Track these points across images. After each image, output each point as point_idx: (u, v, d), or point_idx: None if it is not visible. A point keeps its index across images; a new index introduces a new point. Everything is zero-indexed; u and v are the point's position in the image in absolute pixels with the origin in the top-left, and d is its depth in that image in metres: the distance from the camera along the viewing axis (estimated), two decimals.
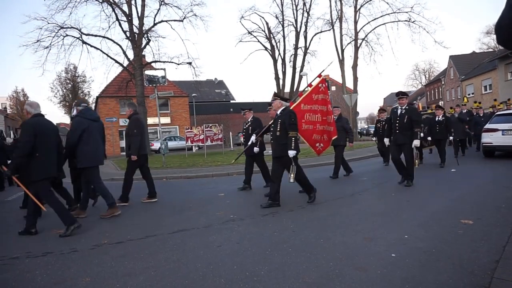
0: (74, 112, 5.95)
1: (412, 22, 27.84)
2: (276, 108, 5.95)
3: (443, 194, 5.99)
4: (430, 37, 37.44)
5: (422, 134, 9.14)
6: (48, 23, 20.55)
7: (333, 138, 7.20)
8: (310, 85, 7.35)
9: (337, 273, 2.93)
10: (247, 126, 8.13)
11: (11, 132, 26.95)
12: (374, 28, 29.59)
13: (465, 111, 13.35)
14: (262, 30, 31.11)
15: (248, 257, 3.47)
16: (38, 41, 20.50)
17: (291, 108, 6.71)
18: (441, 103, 24.73)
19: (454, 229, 3.94)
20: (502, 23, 1.06)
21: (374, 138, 13.36)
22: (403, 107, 6.98)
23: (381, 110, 11.08)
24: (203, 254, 3.63)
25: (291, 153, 5.47)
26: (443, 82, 45.28)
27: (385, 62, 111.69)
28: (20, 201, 7.18)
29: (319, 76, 7.38)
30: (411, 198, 5.78)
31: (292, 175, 5.55)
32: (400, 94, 6.98)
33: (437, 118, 9.94)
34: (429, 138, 9.92)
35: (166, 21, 23.12)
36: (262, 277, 2.95)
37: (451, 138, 9.65)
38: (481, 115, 13.25)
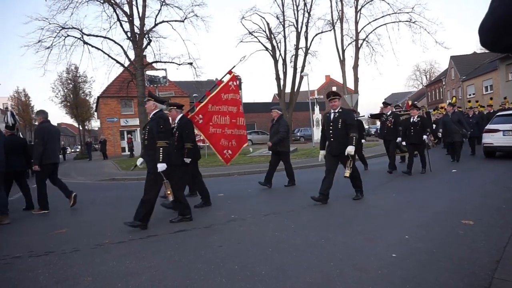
0: None
1: (413, 22, 27.82)
2: (149, 110, 5.11)
3: (443, 194, 6.00)
4: (431, 38, 37.67)
5: (399, 139, 8.97)
6: (50, 24, 20.55)
7: (244, 145, 6.50)
8: (219, 82, 6.52)
9: (338, 273, 2.95)
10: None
11: (20, 134, 26.98)
12: (375, 29, 29.58)
13: (457, 111, 13.05)
14: (263, 31, 31.10)
15: (249, 257, 3.48)
16: (39, 41, 20.50)
17: (197, 109, 6.26)
18: (448, 101, 24.37)
19: (454, 230, 3.94)
20: (484, 26, 1.07)
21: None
22: (336, 110, 5.87)
23: (385, 103, 10.35)
24: (204, 254, 3.64)
25: (160, 166, 4.66)
26: (444, 83, 45.25)
27: (386, 62, 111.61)
28: (22, 201, 7.19)
29: (230, 72, 6.57)
30: (412, 199, 5.79)
31: (169, 193, 4.78)
32: (331, 95, 5.92)
33: (412, 119, 8.78)
34: (404, 143, 8.98)
35: (167, 21, 23.10)
36: (263, 277, 2.97)
37: (424, 137, 8.55)
38: (470, 115, 12.81)
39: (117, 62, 22.67)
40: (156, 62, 22.90)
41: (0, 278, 3.33)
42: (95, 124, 51.60)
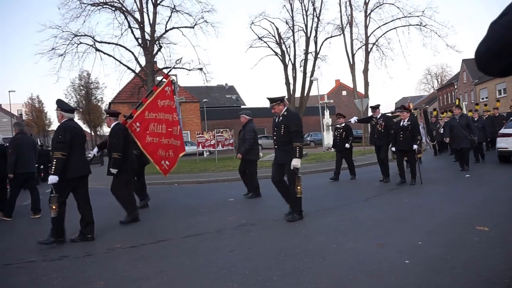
0: None
1: (424, 26, 27.60)
2: (58, 120, 4.84)
3: (457, 200, 5.90)
4: (442, 41, 37.14)
5: (391, 147, 8.26)
6: (63, 32, 20.97)
7: (180, 155, 6.03)
8: (155, 87, 6.13)
9: (350, 279, 2.92)
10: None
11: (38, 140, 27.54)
12: (385, 33, 29.45)
13: (464, 114, 12.54)
14: (272, 36, 31.21)
15: (260, 262, 3.47)
16: (53, 49, 20.93)
17: (134, 116, 5.93)
18: (465, 103, 23.70)
19: (469, 236, 3.87)
20: (480, 51, 1.07)
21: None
22: (281, 114, 5.21)
23: (373, 107, 9.04)
24: (215, 259, 3.65)
25: (51, 179, 4.40)
26: (456, 86, 44.69)
27: (397, 66, 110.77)
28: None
29: (166, 77, 6.16)
30: (424, 204, 5.71)
31: (54, 208, 4.46)
32: (271, 101, 5.28)
33: (401, 123, 7.91)
34: (393, 149, 8.23)
35: (177, 28, 23.38)
36: (274, 282, 2.96)
37: (414, 147, 7.58)
38: (476, 119, 12.26)
39: (128, 68, 22.98)
40: (167, 68, 23.12)
41: (16, 282, 3.39)
42: (107, 129, 52.24)
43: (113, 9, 21.81)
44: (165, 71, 22.79)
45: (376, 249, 3.62)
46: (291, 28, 30.43)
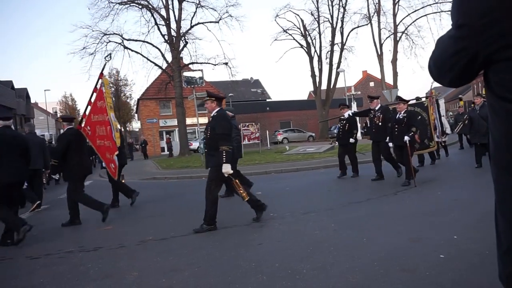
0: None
1: None
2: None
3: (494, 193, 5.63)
4: None
5: (390, 144, 7.24)
6: (93, 31, 21.66)
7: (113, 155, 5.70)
8: (95, 89, 5.88)
9: (382, 274, 2.85)
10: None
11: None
12: (415, 20, 28.46)
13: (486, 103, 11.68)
14: (298, 28, 30.85)
15: (290, 255, 3.46)
16: (84, 48, 21.68)
17: (84, 120, 5.85)
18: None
19: None
20: (429, 64, 1.16)
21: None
22: (211, 115, 4.75)
23: (371, 97, 8.24)
24: (244, 252, 3.67)
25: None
26: None
27: (427, 55, 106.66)
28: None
29: (101, 76, 5.87)
30: (459, 197, 5.49)
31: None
32: (206, 95, 4.82)
33: (397, 116, 7.16)
34: (391, 144, 7.35)
35: (202, 23, 23.57)
36: (304, 275, 2.94)
37: (406, 138, 6.73)
38: None
39: (156, 64, 23.45)
40: (193, 63, 23.42)
41: (56, 271, 3.55)
42: (136, 125, 53.68)
43: (140, 7, 22.25)
44: (192, 66, 23.08)
45: (409, 244, 3.52)
46: (317, 19, 29.97)
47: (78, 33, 63.66)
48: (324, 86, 30.88)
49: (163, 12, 22.60)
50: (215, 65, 23.38)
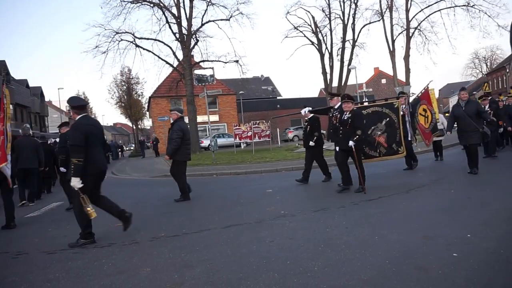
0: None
1: (471, 6, 25.84)
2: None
3: (510, 191, 5.53)
4: (492, 22, 34.36)
5: (351, 142, 6.09)
6: (105, 30, 21.91)
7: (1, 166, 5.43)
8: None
9: (394, 272, 2.84)
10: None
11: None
12: (428, 16, 27.91)
13: (473, 99, 10.68)
14: (308, 25, 30.61)
15: (301, 252, 3.46)
16: (96, 47, 21.95)
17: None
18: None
19: None
20: None
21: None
22: (74, 122, 4.68)
23: (331, 94, 7.77)
24: (256, 249, 3.69)
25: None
26: (507, 70, 41.70)
27: (441, 51, 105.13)
28: None
29: (3, 87, 5.79)
30: (473, 195, 5.41)
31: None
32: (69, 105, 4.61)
33: (343, 116, 6.37)
34: (338, 149, 6.53)
35: (213, 21, 23.62)
36: (315, 273, 2.94)
37: (350, 143, 6.12)
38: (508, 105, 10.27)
39: (167, 62, 23.60)
40: (203, 61, 23.51)
41: (70, 266, 3.62)
42: (147, 123, 54.18)
43: (151, 5, 22.40)
44: (203, 64, 23.15)
45: (422, 242, 3.49)
46: (328, 16, 29.69)
47: (91, 32, 64.58)
48: (335, 83, 30.62)
49: (174, 10, 22.73)
50: (225, 63, 23.44)
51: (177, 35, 22.88)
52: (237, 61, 23.41)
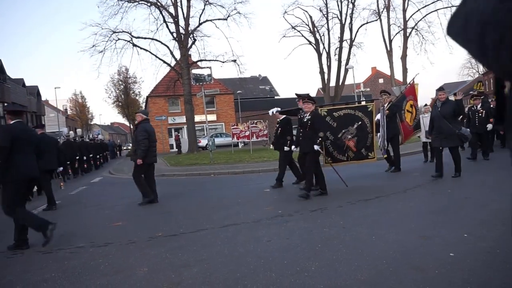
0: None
1: None
2: None
3: (506, 191, 5.54)
4: None
5: (316, 147, 5.82)
6: (102, 29, 21.83)
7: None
8: None
9: (391, 272, 2.84)
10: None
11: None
12: (425, 16, 28.01)
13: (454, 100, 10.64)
14: (306, 24, 30.61)
15: (298, 252, 3.46)
16: (93, 46, 21.86)
17: None
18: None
19: None
20: None
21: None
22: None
23: (299, 96, 6.74)
24: (253, 249, 3.68)
25: None
26: None
27: (438, 51, 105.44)
28: (83, 195, 7.70)
29: None
30: (471, 195, 5.42)
31: None
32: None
33: (303, 118, 6.15)
34: (316, 147, 5.95)
35: (210, 20, 23.57)
36: (313, 273, 2.94)
37: (316, 148, 5.90)
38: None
39: (164, 62, 23.54)
40: (201, 60, 23.46)
41: (67, 266, 3.61)
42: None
43: (149, 4, 22.34)
44: (200, 63, 23.12)
45: (419, 242, 3.50)
46: (325, 15, 29.71)
47: (88, 31, 64.32)
48: (332, 83, 30.65)
49: (171, 10, 22.66)
50: (223, 62, 23.41)
51: (175, 35, 22.84)
52: (234, 61, 23.40)
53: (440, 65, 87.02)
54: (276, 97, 45.23)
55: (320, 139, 5.90)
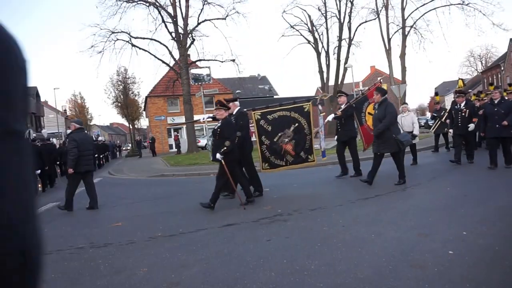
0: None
1: (466, 5, 25.90)
2: None
3: (504, 189, 5.56)
4: (487, 20, 34.43)
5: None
6: (101, 29, 21.77)
7: None
8: None
9: (390, 269, 2.85)
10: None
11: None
12: (423, 14, 27.97)
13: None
14: (305, 24, 30.65)
15: (298, 251, 3.47)
16: (92, 46, 21.81)
17: None
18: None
19: None
20: None
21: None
22: None
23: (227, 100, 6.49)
24: (253, 248, 3.68)
25: None
26: (502, 68, 41.92)
27: (436, 49, 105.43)
28: (83, 197, 7.69)
29: None
30: (469, 193, 5.43)
31: None
32: None
33: (216, 126, 5.96)
34: (218, 156, 5.64)
35: (209, 20, 23.51)
36: (312, 272, 2.94)
37: (218, 156, 5.64)
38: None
39: (163, 62, 23.49)
40: (200, 60, 23.42)
41: (67, 266, 3.61)
42: (144, 122, 53.94)
43: (147, 4, 22.29)
44: (199, 63, 23.10)
45: (418, 239, 3.51)
46: (324, 14, 29.74)
47: (87, 32, 64.21)
48: (331, 82, 30.68)
49: (170, 10, 22.61)
50: (222, 62, 23.36)
51: (173, 35, 22.80)
52: (233, 60, 23.35)
53: (439, 63, 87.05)
54: (275, 97, 45.23)
55: (225, 148, 5.50)
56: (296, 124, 6.79)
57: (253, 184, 6.52)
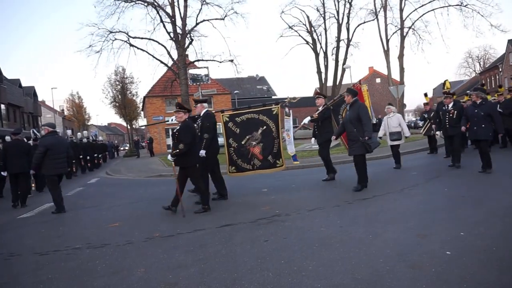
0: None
1: (464, 6, 25.98)
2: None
3: (502, 189, 5.58)
4: (485, 21, 34.46)
5: (202, 151, 5.78)
6: (99, 29, 21.71)
7: None
8: None
9: (388, 270, 2.85)
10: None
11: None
12: (422, 15, 28.03)
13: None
14: (303, 24, 30.71)
15: (295, 252, 3.47)
16: (90, 46, 21.74)
17: None
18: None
19: None
20: None
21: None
22: None
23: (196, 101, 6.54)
24: (250, 249, 3.68)
25: None
26: (500, 69, 42.08)
27: (434, 50, 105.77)
28: (79, 197, 7.68)
29: None
30: (467, 194, 5.45)
31: None
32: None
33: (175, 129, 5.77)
34: (169, 158, 5.60)
35: (208, 20, 23.47)
36: (310, 272, 2.94)
37: (169, 157, 5.66)
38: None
39: (161, 62, 23.43)
40: (198, 60, 23.39)
41: (64, 267, 3.60)
42: (142, 123, 53.79)
43: (145, 4, 22.25)
44: (197, 63, 23.08)
45: (416, 240, 3.51)
46: (322, 15, 29.81)
47: (85, 32, 64.04)
48: (330, 83, 30.71)
49: (168, 10, 22.57)
50: (220, 62, 23.31)
51: (172, 35, 22.76)
52: (231, 61, 23.32)
53: (437, 65, 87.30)
54: (273, 97, 45.25)
55: (177, 150, 5.36)
56: (264, 127, 6.72)
57: (216, 187, 6.57)
